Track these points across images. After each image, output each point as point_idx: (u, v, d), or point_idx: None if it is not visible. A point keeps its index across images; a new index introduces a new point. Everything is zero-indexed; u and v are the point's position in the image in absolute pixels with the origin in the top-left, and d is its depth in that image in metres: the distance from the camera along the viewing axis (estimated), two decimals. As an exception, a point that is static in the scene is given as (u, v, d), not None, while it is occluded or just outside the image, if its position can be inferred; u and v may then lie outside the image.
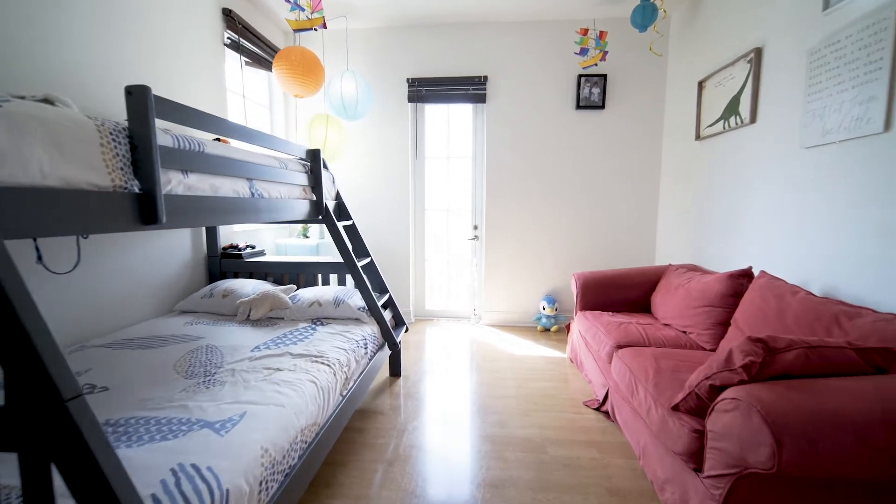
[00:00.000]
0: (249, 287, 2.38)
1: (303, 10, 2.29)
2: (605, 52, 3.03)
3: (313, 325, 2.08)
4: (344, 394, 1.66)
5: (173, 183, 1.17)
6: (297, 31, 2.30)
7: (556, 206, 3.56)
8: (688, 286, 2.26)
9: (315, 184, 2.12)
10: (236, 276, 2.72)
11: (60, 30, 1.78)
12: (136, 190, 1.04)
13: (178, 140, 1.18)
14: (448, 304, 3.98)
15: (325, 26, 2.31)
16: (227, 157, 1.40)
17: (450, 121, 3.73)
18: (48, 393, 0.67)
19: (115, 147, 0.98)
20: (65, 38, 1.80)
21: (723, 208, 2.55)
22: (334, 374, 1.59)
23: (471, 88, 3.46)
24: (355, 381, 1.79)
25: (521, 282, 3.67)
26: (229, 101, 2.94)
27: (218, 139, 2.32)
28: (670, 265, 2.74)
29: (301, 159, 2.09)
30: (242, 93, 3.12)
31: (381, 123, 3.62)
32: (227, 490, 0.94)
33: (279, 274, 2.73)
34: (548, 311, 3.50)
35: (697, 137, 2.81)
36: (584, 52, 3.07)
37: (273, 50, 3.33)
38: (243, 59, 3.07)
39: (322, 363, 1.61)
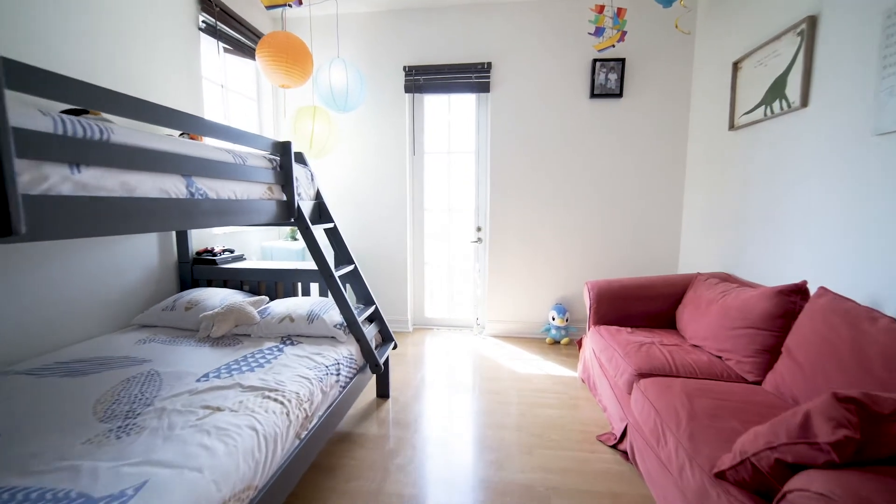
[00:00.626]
0: (217, 298, 2.12)
1: (276, -17, 2.01)
2: (624, 32, 2.65)
3: (280, 346, 1.79)
4: (303, 436, 1.37)
5: (53, 180, 0.89)
6: (268, 7, 2.03)
7: (568, 206, 3.21)
8: (723, 302, 1.91)
9: (285, 182, 1.83)
10: (210, 284, 2.46)
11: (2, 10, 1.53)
12: (-19, 190, 0.76)
13: (62, 123, 0.90)
14: (449, 312, 3.67)
15: (300, 3, 2.02)
16: (148, 149, 1.11)
17: (451, 112, 3.41)
18: None
19: (-62, 129, 0.70)
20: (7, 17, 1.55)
21: (762, 208, 2.18)
22: (288, 415, 1.29)
23: (473, 76, 3.14)
24: (321, 418, 1.50)
25: (528, 289, 3.33)
26: (207, 91, 2.68)
27: (184, 134, 2.08)
28: (698, 274, 2.38)
29: (268, 154, 1.81)
30: (222, 82, 2.86)
31: (376, 116, 3.33)
32: None
33: (255, 282, 2.46)
34: (558, 322, 3.16)
35: (731, 127, 2.44)
36: (599, 32, 2.70)
37: (257, 36, 3.07)
38: (222, 45, 2.81)
39: (275, 399, 1.32)
